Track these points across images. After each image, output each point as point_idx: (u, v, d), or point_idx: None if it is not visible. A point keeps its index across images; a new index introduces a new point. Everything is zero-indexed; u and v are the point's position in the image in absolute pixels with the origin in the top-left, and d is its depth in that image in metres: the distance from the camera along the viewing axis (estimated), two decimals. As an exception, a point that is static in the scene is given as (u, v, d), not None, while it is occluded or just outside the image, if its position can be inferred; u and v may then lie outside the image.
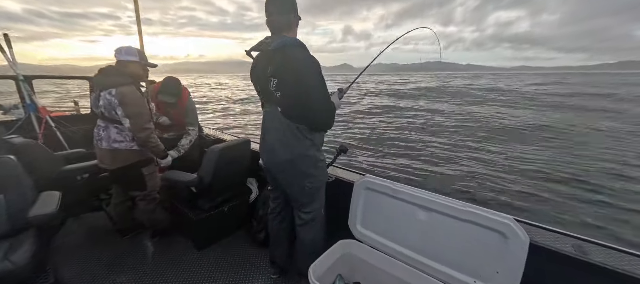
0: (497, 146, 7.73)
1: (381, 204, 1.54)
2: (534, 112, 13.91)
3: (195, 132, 2.48)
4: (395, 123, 10.87)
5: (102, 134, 1.80)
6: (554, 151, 7.13)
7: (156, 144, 1.86)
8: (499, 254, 1.13)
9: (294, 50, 1.27)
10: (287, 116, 1.33)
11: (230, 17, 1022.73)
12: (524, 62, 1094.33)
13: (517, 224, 1.09)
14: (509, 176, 5.42)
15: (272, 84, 1.31)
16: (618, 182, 5.13)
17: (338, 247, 1.55)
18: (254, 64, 1.45)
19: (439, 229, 1.32)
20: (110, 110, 1.74)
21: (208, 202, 2.06)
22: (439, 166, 6.10)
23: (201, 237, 2.10)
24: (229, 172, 2.11)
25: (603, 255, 1.09)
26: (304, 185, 1.44)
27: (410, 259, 1.40)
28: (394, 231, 1.49)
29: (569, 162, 6.22)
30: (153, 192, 2.04)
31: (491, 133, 9.22)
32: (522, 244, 1.07)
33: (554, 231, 1.23)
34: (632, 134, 9.34)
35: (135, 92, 1.76)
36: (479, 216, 1.17)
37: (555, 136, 8.76)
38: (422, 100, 21.16)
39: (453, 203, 1.27)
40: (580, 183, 5.04)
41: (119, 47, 1.81)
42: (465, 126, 10.53)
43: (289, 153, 1.37)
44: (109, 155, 1.82)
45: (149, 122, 1.79)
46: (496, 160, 6.49)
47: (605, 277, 1.03)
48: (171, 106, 2.37)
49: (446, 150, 7.35)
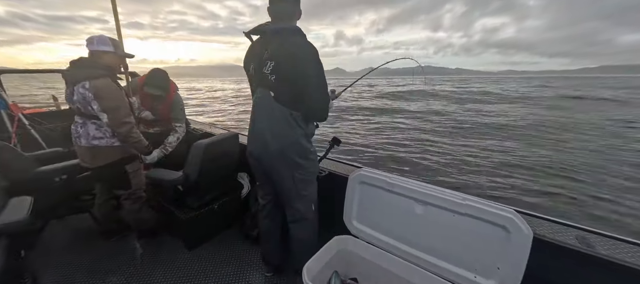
0: (494, 140, 7.74)
1: (377, 198, 1.48)
2: (526, 109, 13.99)
3: (183, 130, 2.36)
4: (390, 118, 10.80)
5: (80, 131, 1.69)
6: (548, 144, 7.18)
7: (138, 140, 1.75)
8: (501, 249, 1.08)
9: (294, 35, 1.26)
10: (281, 102, 1.27)
11: (222, 21, 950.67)
12: (510, 67, 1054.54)
13: (519, 218, 1.04)
14: (507, 168, 5.41)
15: (267, 66, 1.26)
16: (618, 170, 5.17)
17: (333, 243, 1.49)
18: (251, 47, 1.40)
19: (437, 224, 1.26)
20: (85, 105, 1.62)
21: (197, 201, 1.97)
22: (436, 158, 6.07)
23: (192, 236, 2.03)
24: (217, 167, 2.01)
25: (608, 247, 1.04)
26: (293, 176, 1.37)
27: (408, 255, 1.35)
28: (391, 225, 1.43)
29: (566, 154, 6.27)
30: (139, 191, 1.95)
31: (487, 129, 9.24)
32: (526, 238, 1.02)
33: (556, 222, 1.18)
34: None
35: (111, 84, 1.63)
36: (480, 210, 1.11)
37: (550, 131, 8.83)
38: (415, 99, 21.13)
39: (452, 196, 1.20)
40: (579, 174, 5.07)
41: (91, 37, 1.67)
42: (461, 120, 10.53)
43: (279, 142, 1.31)
44: (88, 153, 1.72)
45: (128, 116, 1.68)
46: (494, 153, 6.50)
47: (611, 270, 0.99)
48: (157, 100, 2.24)
49: (443, 143, 7.33)
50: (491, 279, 1.11)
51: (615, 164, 5.44)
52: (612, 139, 7.48)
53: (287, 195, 1.44)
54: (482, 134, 8.48)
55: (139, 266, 1.85)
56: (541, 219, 1.21)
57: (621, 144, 6.85)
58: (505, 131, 8.96)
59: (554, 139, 7.66)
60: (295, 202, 1.45)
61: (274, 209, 1.62)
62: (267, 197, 1.61)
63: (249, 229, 2.09)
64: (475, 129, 9.27)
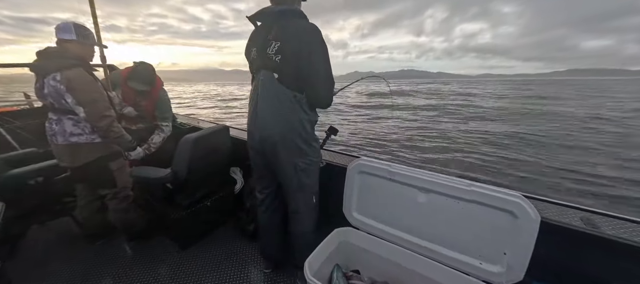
0: (494, 124, 7.81)
1: (377, 188, 1.43)
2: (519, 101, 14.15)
3: (169, 129, 2.23)
4: (388, 107, 10.74)
5: (55, 128, 1.55)
6: (551, 130, 7.28)
7: (120, 135, 1.63)
8: (508, 234, 1.05)
9: (299, 17, 1.26)
10: (284, 83, 1.23)
11: (205, 25, 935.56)
12: (488, 70, 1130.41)
13: (527, 202, 1.01)
14: (510, 154, 5.42)
15: (272, 47, 1.22)
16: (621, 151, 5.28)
17: (334, 236, 1.44)
18: (254, 32, 1.36)
19: (441, 211, 1.22)
20: (58, 99, 1.48)
21: (187, 198, 1.87)
22: (437, 145, 6.04)
23: (184, 235, 1.94)
24: (208, 163, 1.91)
25: (613, 226, 1.04)
26: (296, 163, 1.31)
27: (411, 244, 1.32)
28: (393, 215, 1.39)
29: (569, 138, 6.36)
30: (125, 190, 1.83)
31: (486, 115, 9.31)
32: (533, 222, 0.99)
33: (561, 205, 1.17)
34: None
35: (84, 75, 1.50)
36: (486, 196, 1.08)
37: (550, 118, 8.99)
38: (410, 94, 21.15)
39: (455, 183, 1.16)
40: (582, 153, 5.13)
41: (57, 25, 1.51)
42: (458, 107, 10.58)
43: (283, 126, 1.25)
44: (67, 152, 1.59)
45: (108, 109, 1.56)
46: (496, 139, 6.51)
47: (616, 249, 0.99)
48: (142, 95, 2.09)
49: (443, 129, 7.32)
50: (497, 264, 1.09)
51: (619, 147, 5.55)
52: (613, 127, 7.68)
53: (288, 185, 1.38)
54: (483, 120, 8.56)
55: (128, 269, 1.75)
56: (547, 202, 1.20)
57: (624, 130, 7.03)
58: (505, 117, 9.08)
59: (555, 125, 7.83)
60: (296, 193, 1.39)
61: (273, 203, 1.56)
62: (265, 191, 1.54)
63: (245, 224, 2.03)
64: (475, 116, 9.35)
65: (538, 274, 1.03)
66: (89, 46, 1.61)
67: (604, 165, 4.74)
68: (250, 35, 1.38)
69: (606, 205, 3.38)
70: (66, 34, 1.49)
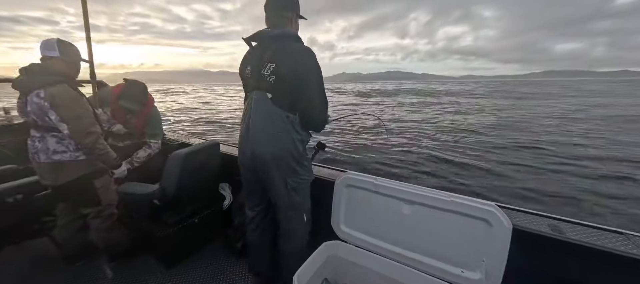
0: (472, 137, 8.20)
1: (364, 201, 1.48)
2: (502, 111, 14.94)
3: (157, 146, 2.23)
4: (370, 120, 11.06)
5: (38, 145, 1.52)
6: (521, 141, 7.73)
7: (105, 151, 1.60)
8: (484, 241, 1.12)
9: (295, 41, 1.30)
10: (278, 104, 1.26)
11: (189, 25, 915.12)
12: (470, 72, 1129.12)
13: (500, 211, 1.09)
14: (486, 165, 5.73)
15: (267, 68, 1.26)
16: (584, 163, 5.70)
17: (322, 250, 1.47)
18: (248, 51, 1.40)
19: (424, 222, 1.29)
20: (42, 116, 1.47)
21: (175, 215, 1.85)
22: (419, 158, 6.29)
23: (170, 253, 1.89)
24: (197, 179, 1.91)
25: (576, 232, 1.13)
26: (287, 182, 1.34)
27: (398, 255, 1.36)
28: (379, 227, 1.44)
29: (537, 150, 6.79)
30: (110, 207, 1.79)
31: (464, 127, 9.77)
32: (506, 230, 1.07)
33: (531, 213, 1.27)
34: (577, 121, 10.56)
35: (68, 91, 1.49)
36: (463, 206, 1.16)
37: (520, 129, 9.54)
38: (391, 96, 21.92)
39: (436, 194, 1.24)
40: (550, 165, 5.53)
41: (42, 41, 1.53)
42: (439, 121, 11.04)
43: (275, 146, 1.28)
44: (50, 170, 1.55)
45: (93, 125, 1.54)
46: (472, 150, 6.86)
47: (580, 253, 1.08)
48: (132, 114, 2.09)
49: (424, 142, 7.62)
50: (477, 271, 1.15)
51: (581, 159, 5.97)
52: (574, 137, 8.24)
53: (279, 203, 1.40)
54: (461, 132, 8.96)
55: None
56: (519, 211, 1.29)
57: (582, 140, 7.57)
58: (480, 130, 9.54)
59: (525, 137, 8.28)
60: (286, 212, 1.41)
61: (264, 221, 1.57)
62: (256, 209, 1.55)
63: (233, 241, 2.00)
64: (454, 128, 9.76)
65: (513, 281, 1.10)
66: (72, 63, 1.61)
67: (564, 173, 5.10)
68: (244, 55, 1.42)
69: (570, 213, 3.64)
70: (49, 51, 1.51)
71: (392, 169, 5.72)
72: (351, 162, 6.25)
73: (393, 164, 6.00)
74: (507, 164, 5.68)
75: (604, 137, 7.37)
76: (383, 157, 6.53)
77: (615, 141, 7.05)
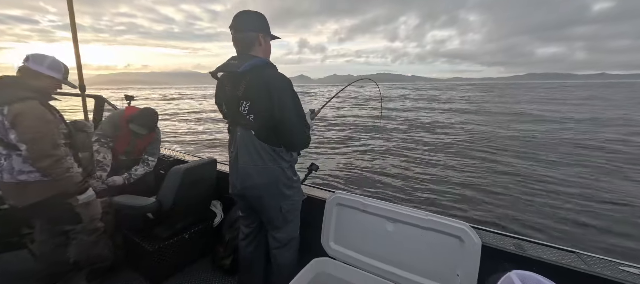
0: (452, 158, 8.60)
1: (352, 220, 1.60)
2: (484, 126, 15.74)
3: (154, 164, 2.30)
4: (356, 142, 11.40)
5: (3, 163, 1.42)
6: (496, 163, 8.19)
7: (66, 176, 1.46)
8: (458, 257, 1.26)
9: (265, 70, 1.25)
10: (262, 139, 1.29)
11: (177, 26, 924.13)
12: (457, 74, 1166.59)
13: (471, 229, 1.25)
14: (460, 185, 6.08)
15: (243, 106, 1.26)
16: (545, 185, 6.14)
17: (312, 266, 1.53)
18: (220, 86, 1.38)
19: (405, 239, 1.42)
20: (5, 134, 1.38)
21: (167, 230, 1.87)
22: (403, 178, 6.58)
23: (158, 269, 1.87)
24: (192, 195, 1.97)
25: (535, 250, 1.30)
26: (281, 207, 1.41)
27: (382, 271, 1.46)
28: (366, 244, 1.55)
29: (503, 173, 7.22)
30: (93, 222, 1.71)
31: (444, 148, 10.24)
32: (476, 246, 1.22)
33: (499, 234, 1.43)
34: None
35: (35, 109, 1.39)
36: (439, 224, 1.31)
37: (494, 150, 10.11)
38: (377, 107, 22.72)
39: (416, 213, 1.39)
40: (516, 187, 5.93)
41: (39, 54, 1.51)
42: (421, 140, 11.53)
43: (266, 178, 1.33)
44: (14, 190, 1.46)
45: (54, 148, 1.42)
46: (448, 170, 7.22)
47: (539, 267, 1.23)
48: (139, 137, 2.17)
49: (406, 164, 7.94)
50: (452, 285, 1.27)
51: (543, 182, 6.42)
52: (539, 154, 8.82)
53: (273, 224, 1.47)
54: (442, 153, 9.37)
55: None
56: (488, 232, 1.45)
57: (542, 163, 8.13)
58: (456, 150, 10.00)
59: (493, 158, 8.77)
60: (281, 231, 1.48)
61: (258, 237, 1.62)
62: (251, 226, 1.61)
63: (222, 259, 2.02)
64: (434, 149, 10.19)
65: None
66: (58, 82, 1.56)
67: (532, 196, 5.53)
68: (216, 87, 1.39)
69: (532, 231, 4.02)
70: (38, 66, 1.47)
71: (375, 188, 5.97)
72: (340, 180, 6.44)
73: (379, 182, 6.25)
74: (482, 187, 6.05)
75: (571, 164, 7.97)
76: (367, 175, 6.80)
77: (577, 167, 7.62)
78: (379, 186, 6.05)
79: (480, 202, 5.13)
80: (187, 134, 13.55)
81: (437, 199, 5.28)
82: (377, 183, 6.24)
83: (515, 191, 5.68)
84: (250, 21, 1.27)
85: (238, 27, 1.26)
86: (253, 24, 1.27)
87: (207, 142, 11.43)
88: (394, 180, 6.41)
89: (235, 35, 1.27)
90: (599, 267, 1.18)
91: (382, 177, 6.65)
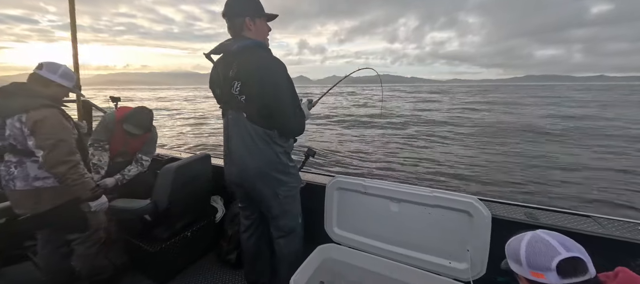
0: (453, 134, 8.54)
1: (355, 203, 1.54)
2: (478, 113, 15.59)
3: (148, 164, 2.22)
4: (356, 127, 11.30)
5: (14, 172, 1.42)
6: (500, 138, 8.13)
7: (80, 182, 1.44)
8: (468, 232, 1.20)
9: (257, 51, 1.24)
10: (254, 121, 1.25)
11: (177, 26, 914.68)
12: (456, 76, 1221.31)
13: (479, 202, 1.18)
14: (466, 160, 6.02)
15: (235, 87, 1.23)
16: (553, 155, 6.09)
17: (317, 253, 1.50)
18: (214, 69, 1.37)
19: (411, 218, 1.36)
20: (22, 141, 1.38)
21: (167, 230, 1.83)
22: (402, 158, 6.51)
23: (163, 270, 1.85)
24: (189, 192, 1.91)
25: (548, 217, 1.23)
26: (277, 194, 1.36)
27: (389, 253, 1.42)
28: (370, 227, 1.50)
29: (514, 145, 7.16)
30: (97, 232, 1.69)
31: (445, 125, 10.16)
32: (486, 219, 1.16)
33: (509, 204, 1.36)
34: None
35: (54, 116, 1.40)
36: (445, 200, 1.24)
37: (499, 128, 10.01)
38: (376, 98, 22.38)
39: (421, 191, 1.32)
40: (525, 159, 5.87)
41: (52, 63, 1.50)
42: (419, 118, 11.42)
43: (259, 161, 1.29)
44: (30, 197, 1.45)
45: (71, 154, 1.41)
46: (453, 148, 7.16)
47: None
48: (133, 137, 2.08)
49: (408, 140, 7.88)
50: (463, 262, 1.23)
51: (553, 153, 6.37)
52: (549, 136, 8.76)
53: (272, 213, 1.42)
54: (441, 132, 9.32)
55: None
56: (497, 203, 1.38)
57: (556, 138, 8.06)
58: (460, 129, 9.93)
59: (503, 135, 8.71)
60: (281, 219, 1.43)
61: (259, 228, 1.58)
62: (250, 218, 1.57)
63: (227, 253, 2.00)
64: (433, 129, 10.12)
65: (496, 268, 1.17)
66: (67, 90, 1.56)
67: (538, 167, 5.46)
68: (211, 71, 1.39)
69: (544, 201, 3.94)
70: (51, 74, 1.46)
71: (379, 169, 5.91)
72: (340, 165, 6.38)
73: (380, 164, 6.20)
74: (489, 161, 5.98)
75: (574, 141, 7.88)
76: (367, 158, 6.74)
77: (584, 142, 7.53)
78: (381, 168, 5.99)
79: (486, 176, 5.06)
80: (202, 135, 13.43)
81: (442, 177, 5.21)
82: (378, 165, 6.18)
83: (521, 166, 5.62)
84: (236, 5, 1.28)
85: (228, 14, 1.28)
86: (239, 8, 1.27)
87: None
88: (394, 161, 6.35)
89: (227, 23, 1.30)
90: (618, 230, 1.11)
91: (383, 158, 6.59)
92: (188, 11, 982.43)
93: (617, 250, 1.07)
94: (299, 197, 1.51)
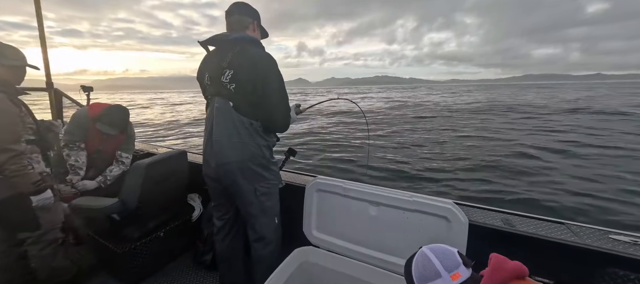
0: (433, 141, 8.67)
1: (334, 205, 1.50)
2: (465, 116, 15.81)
3: (129, 162, 2.09)
4: (337, 125, 11.30)
5: None
6: (479, 143, 8.32)
7: (21, 174, 1.34)
8: (445, 237, 1.19)
9: (253, 44, 1.28)
10: (240, 111, 1.24)
11: (175, 30, 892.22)
12: (454, 76, 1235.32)
13: (457, 207, 1.17)
14: (446, 165, 6.10)
15: (226, 75, 1.24)
16: (531, 162, 6.25)
17: (294, 256, 1.45)
18: (207, 56, 1.36)
19: (389, 222, 1.33)
20: None
21: (138, 230, 1.73)
22: (383, 161, 6.53)
23: (132, 271, 1.76)
24: (163, 190, 1.82)
25: (524, 224, 1.24)
26: (255, 189, 1.31)
27: (367, 257, 1.39)
28: (349, 230, 1.46)
29: (490, 151, 7.34)
30: (52, 232, 1.57)
31: (428, 133, 10.30)
32: (463, 225, 1.14)
33: (486, 209, 1.36)
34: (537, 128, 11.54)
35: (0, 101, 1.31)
36: (423, 204, 1.22)
37: (479, 133, 10.24)
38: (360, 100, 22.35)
39: (399, 195, 1.30)
40: (500, 166, 6.00)
41: None
42: (402, 124, 11.55)
43: (240, 153, 1.25)
44: None
45: (13, 142, 1.33)
46: (433, 152, 7.26)
47: (529, 243, 1.17)
48: (109, 137, 1.95)
49: (388, 146, 7.94)
50: (439, 267, 1.21)
51: (527, 159, 6.58)
52: (530, 137, 9.05)
53: (250, 211, 1.36)
54: (422, 136, 9.46)
55: None
56: (476, 208, 1.38)
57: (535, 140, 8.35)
58: (440, 134, 10.12)
59: (483, 139, 8.94)
60: (258, 218, 1.38)
61: (232, 230, 1.52)
62: (224, 218, 1.51)
63: (203, 254, 1.92)
64: (415, 132, 10.26)
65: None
66: (11, 67, 1.43)
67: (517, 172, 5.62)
68: (202, 60, 1.38)
69: (521, 206, 4.04)
70: None
71: (357, 172, 5.91)
72: (321, 166, 6.35)
73: (361, 167, 6.20)
74: (470, 165, 6.09)
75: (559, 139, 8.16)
76: (347, 159, 6.73)
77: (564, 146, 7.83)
78: (361, 171, 5.97)
79: (465, 181, 5.14)
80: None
81: (422, 181, 5.24)
82: (359, 168, 6.15)
83: (502, 169, 5.76)
84: (245, 9, 1.32)
85: (236, 12, 1.31)
86: (248, 11, 1.32)
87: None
88: (376, 164, 6.33)
89: (229, 19, 1.32)
90: (589, 237, 1.13)
91: (364, 161, 6.59)
92: (186, 16, 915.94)
93: (588, 258, 1.08)
94: (278, 197, 1.46)
